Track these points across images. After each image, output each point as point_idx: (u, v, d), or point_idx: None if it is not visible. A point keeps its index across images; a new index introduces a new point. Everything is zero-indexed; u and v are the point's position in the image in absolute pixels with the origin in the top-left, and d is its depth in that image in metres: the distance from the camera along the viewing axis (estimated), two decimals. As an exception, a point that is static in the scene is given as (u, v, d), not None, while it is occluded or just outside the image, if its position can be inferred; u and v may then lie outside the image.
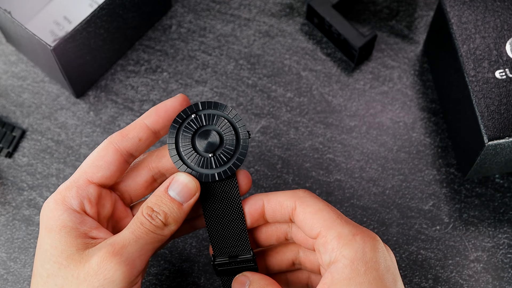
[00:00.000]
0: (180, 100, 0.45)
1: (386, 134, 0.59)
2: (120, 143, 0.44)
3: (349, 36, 0.59)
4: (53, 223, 0.42)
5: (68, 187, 0.44)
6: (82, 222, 0.43)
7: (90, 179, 0.44)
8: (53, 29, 0.62)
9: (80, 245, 0.42)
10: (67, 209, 0.43)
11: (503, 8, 0.54)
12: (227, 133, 0.44)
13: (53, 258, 0.42)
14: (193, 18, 0.64)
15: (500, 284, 0.53)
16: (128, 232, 0.42)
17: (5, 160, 0.58)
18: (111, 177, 0.44)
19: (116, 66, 0.62)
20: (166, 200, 0.43)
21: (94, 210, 0.44)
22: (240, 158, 0.44)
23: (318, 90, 0.61)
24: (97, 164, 0.44)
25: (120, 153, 0.44)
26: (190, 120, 0.44)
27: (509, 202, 0.56)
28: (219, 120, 0.44)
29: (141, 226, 0.42)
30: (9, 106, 0.60)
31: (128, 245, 0.41)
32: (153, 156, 0.47)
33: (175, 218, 0.43)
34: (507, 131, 0.50)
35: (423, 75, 0.61)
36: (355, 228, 0.42)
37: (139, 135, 0.45)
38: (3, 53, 0.62)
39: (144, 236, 0.42)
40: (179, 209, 0.43)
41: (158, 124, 0.45)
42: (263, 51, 0.62)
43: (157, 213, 0.42)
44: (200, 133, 0.44)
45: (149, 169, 0.47)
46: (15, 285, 0.54)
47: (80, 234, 0.42)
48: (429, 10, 0.64)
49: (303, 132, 0.59)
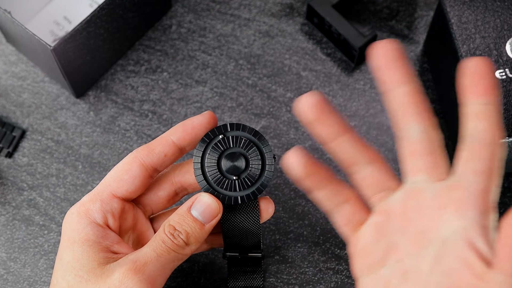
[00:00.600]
0: (207, 117, 0.45)
1: (386, 134, 0.59)
2: (146, 158, 0.44)
3: (349, 36, 0.59)
4: (76, 236, 0.42)
5: (92, 200, 0.44)
6: (104, 236, 0.43)
7: (115, 193, 0.44)
8: (53, 29, 0.62)
9: (102, 260, 0.42)
10: (91, 223, 0.43)
11: (503, 8, 0.54)
12: (253, 158, 0.44)
13: (74, 271, 0.42)
14: (193, 18, 0.64)
15: (500, 284, 0.53)
16: (150, 250, 0.42)
17: (5, 160, 0.58)
18: (135, 192, 0.45)
19: (116, 66, 0.62)
20: (189, 220, 0.43)
21: (117, 224, 0.44)
22: (264, 184, 0.44)
23: (318, 90, 0.61)
24: (122, 178, 0.44)
25: (145, 168, 0.44)
26: (218, 141, 0.44)
27: (509, 202, 0.56)
28: (246, 144, 0.44)
29: (163, 245, 0.42)
30: (9, 106, 0.60)
31: (150, 263, 0.41)
32: (177, 171, 0.47)
33: (196, 238, 0.43)
34: (507, 131, 0.50)
35: (423, 75, 0.61)
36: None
37: (165, 151, 0.44)
38: (3, 53, 0.62)
39: (165, 255, 0.42)
40: (201, 229, 0.43)
41: (185, 140, 0.45)
42: (263, 51, 0.62)
43: (179, 232, 0.42)
44: (226, 155, 0.44)
45: (172, 184, 0.47)
46: (15, 285, 0.54)
47: (103, 248, 0.42)
48: (429, 10, 0.64)
49: (303, 132, 0.59)
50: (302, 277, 0.53)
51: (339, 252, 0.54)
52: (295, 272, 0.54)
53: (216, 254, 0.54)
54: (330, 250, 0.54)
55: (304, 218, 0.55)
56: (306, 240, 0.55)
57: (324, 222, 0.55)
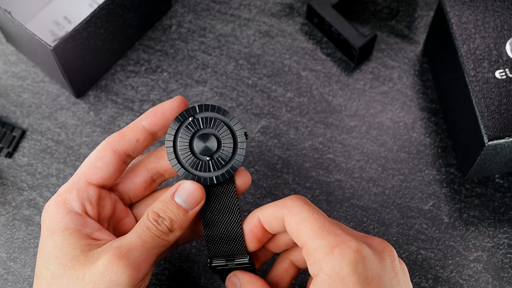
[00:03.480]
0: (178, 102, 0.45)
1: (386, 134, 0.59)
2: (118, 145, 0.45)
3: (349, 36, 0.59)
4: (55, 225, 0.43)
5: (69, 189, 0.44)
6: (84, 224, 0.43)
7: (90, 181, 0.44)
8: (53, 29, 0.62)
9: (84, 247, 0.42)
10: (69, 211, 0.43)
11: (503, 8, 0.54)
12: (224, 137, 0.44)
13: (57, 260, 0.42)
14: (193, 18, 0.64)
15: (500, 284, 0.53)
16: (134, 236, 0.42)
17: (5, 160, 0.58)
18: (110, 178, 0.45)
19: (116, 66, 0.62)
20: (172, 206, 0.43)
21: (95, 211, 0.44)
22: (237, 162, 0.44)
23: (318, 90, 0.61)
24: (95, 166, 0.44)
25: (118, 155, 0.45)
26: (188, 123, 0.44)
27: (509, 202, 0.56)
28: (216, 123, 0.44)
29: (147, 231, 0.42)
30: (9, 106, 0.60)
31: (135, 248, 0.41)
32: (152, 157, 0.47)
33: (180, 225, 0.43)
34: (507, 131, 0.50)
35: (423, 75, 0.61)
36: (336, 239, 0.40)
37: (137, 137, 0.45)
38: (3, 53, 0.62)
39: (150, 241, 0.42)
40: (184, 215, 0.43)
41: (156, 126, 0.45)
42: (263, 51, 0.62)
43: (163, 218, 0.43)
44: (198, 136, 0.44)
45: (147, 170, 0.47)
46: (15, 285, 0.54)
47: (83, 235, 0.42)
48: (429, 10, 0.64)
49: (303, 132, 0.59)
50: (302, 277, 0.53)
51: (339, 252, 0.54)
52: (295, 272, 0.54)
53: (216, 254, 0.54)
54: (330, 250, 0.54)
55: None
56: (306, 240, 0.55)
57: (324, 222, 0.55)
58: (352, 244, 0.40)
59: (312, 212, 0.42)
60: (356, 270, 0.39)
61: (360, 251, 0.40)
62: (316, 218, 0.41)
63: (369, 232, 0.55)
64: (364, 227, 0.55)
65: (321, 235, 0.41)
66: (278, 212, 0.43)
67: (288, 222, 0.42)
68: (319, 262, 0.40)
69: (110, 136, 0.45)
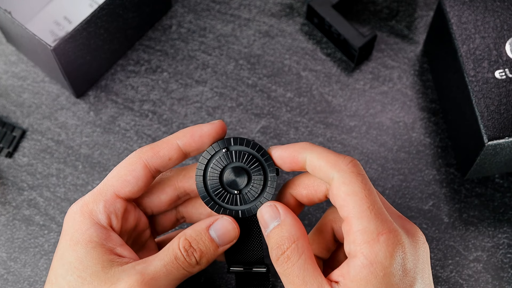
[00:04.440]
0: (217, 127, 0.44)
1: (386, 134, 0.59)
2: (150, 160, 0.43)
3: (349, 36, 0.59)
4: (79, 236, 0.42)
5: (96, 200, 0.43)
6: (108, 238, 0.42)
7: (118, 193, 0.43)
8: (53, 29, 0.62)
9: (106, 263, 0.41)
10: (94, 224, 0.42)
11: (503, 8, 0.54)
12: (255, 173, 0.44)
13: (77, 272, 0.41)
14: (193, 18, 0.64)
15: (500, 284, 0.53)
16: (160, 264, 0.41)
17: (5, 160, 0.58)
18: (138, 192, 0.44)
19: (116, 66, 0.62)
20: (205, 239, 0.42)
21: (119, 225, 0.43)
22: (264, 199, 0.44)
23: (318, 90, 0.61)
24: (125, 179, 0.43)
25: (149, 170, 0.44)
26: (221, 155, 0.44)
27: (509, 202, 0.56)
28: (249, 159, 0.44)
29: (175, 261, 0.41)
30: (9, 106, 0.60)
31: (159, 278, 0.41)
32: (181, 176, 0.46)
33: (208, 259, 0.42)
34: (507, 131, 0.50)
35: (423, 75, 0.61)
36: (383, 225, 0.39)
37: (170, 155, 0.44)
38: (3, 53, 0.62)
39: (175, 272, 0.41)
40: (215, 251, 0.42)
41: (191, 147, 0.44)
42: (263, 51, 0.62)
43: (193, 250, 0.42)
44: (229, 169, 0.44)
45: (175, 189, 0.46)
46: (15, 285, 0.54)
47: (106, 251, 0.42)
48: (429, 10, 0.64)
49: (303, 132, 0.59)
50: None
51: (339, 252, 0.54)
52: (295, 272, 0.54)
53: (216, 254, 0.54)
54: (330, 250, 0.54)
55: (304, 218, 0.56)
56: (306, 240, 0.55)
57: (324, 222, 0.55)
58: (398, 234, 0.39)
59: (365, 186, 0.40)
60: (397, 261, 0.39)
61: (403, 243, 0.39)
62: (367, 195, 0.40)
63: (369, 232, 0.55)
64: (364, 227, 0.55)
65: (369, 217, 0.39)
66: (329, 171, 0.41)
67: (336, 187, 0.40)
68: (361, 245, 0.39)
69: (143, 148, 0.44)
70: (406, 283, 0.39)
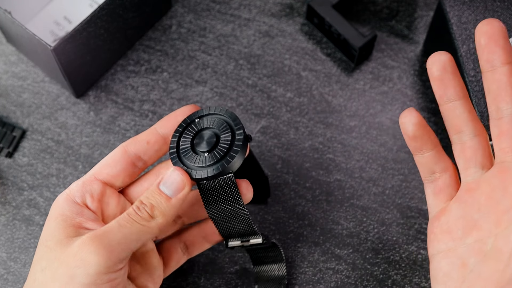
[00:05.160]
0: (190, 107, 0.47)
1: (386, 134, 0.59)
2: (129, 145, 0.47)
3: (349, 36, 0.59)
4: (53, 212, 0.45)
5: (76, 182, 0.46)
6: (80, 213, 0.44)
7: (96, 176, 0.46)
8: (53, 29, 0.62)
9: (71, 233, 0.43)
10: (68, 200, 0.45)
11: (503, 8, 0.54)
12: (224, 133, 0.45)
13: (44, 243, 0.43)
14: (193, 18, 0.64)
15: (500, 284, 0.53)
16: (113, 222, 0.43)
17: (5, 160, 0.58)
18: (117, 176, 0.46)
19: (116, 66, 0.62)
20: (155, 193, 0.44)
21: (96, 205, 0.45)
22: (232, 155, 0.44)
23: (318, 90, 0.61)
24: (105, 163, 0.46)
25: (127, 154, 0.47)
26: (193, 123, 0.46)
27: (509, 202, 0.56)
28: (218, 122, 0.45)
29: (126, 216, 0.43)
30: (9, 106, 0.60)
31: (110, 231, 0.42)
32: (163, 164, 0.48)
33: (162, 211, 0.44)
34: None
35: (423, 75, 0.61)
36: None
37: (148, 138, 0.47)
38: (3, 53, 0.62)
39: (127, 225, 0.43)
40: (166, 202, 0.44)
41: (166, 128, 0.47)
42: (263, 51, 0.62)
43: (144, 205, 0.43)
44: (198, 133, 0.46)
45: (157, 176, 0.48)
46: (15, 285, 0.54)
47: (75, 223, 0.43)
48: (429, 10, 0.64)
49: (303, 132, 0.59)
50: (302, 277, 0.54)
51: (339, 252, 0.54)
52: (295, 272, 0.54)
53: (216, 254, 0.54)
54: (330, 250, 0.54)
55: (304, 218, 0.56)
56: (306, 240, 0.55)
57: (324, 222, 0.55)
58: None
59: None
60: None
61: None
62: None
63: (369, 232, 0.55)
64: (364, 227, 0.55)
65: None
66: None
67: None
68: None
69: (127, 140, 0.48)
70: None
